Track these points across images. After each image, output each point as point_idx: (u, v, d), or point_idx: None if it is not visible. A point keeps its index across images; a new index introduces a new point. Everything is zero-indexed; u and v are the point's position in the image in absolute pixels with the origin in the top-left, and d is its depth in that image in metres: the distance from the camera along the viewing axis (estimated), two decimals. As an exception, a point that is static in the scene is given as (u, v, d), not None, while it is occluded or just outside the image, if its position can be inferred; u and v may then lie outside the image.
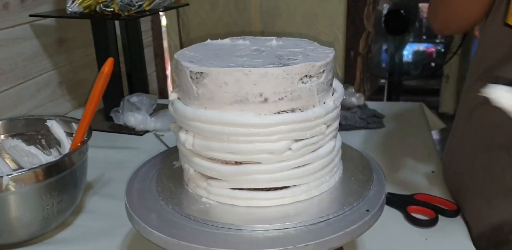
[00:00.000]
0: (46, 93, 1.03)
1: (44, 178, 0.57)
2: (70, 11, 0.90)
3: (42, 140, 0.73)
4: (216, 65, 0.45)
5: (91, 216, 0.70)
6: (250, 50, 0.51)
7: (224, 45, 0.53)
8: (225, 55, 0.49)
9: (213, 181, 0.48)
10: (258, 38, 0.55)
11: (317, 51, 0.50)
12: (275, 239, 0.43)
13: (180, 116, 0.48)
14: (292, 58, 0.48)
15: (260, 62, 0.46)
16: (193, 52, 0.50)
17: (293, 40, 0.55)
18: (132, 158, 0.86)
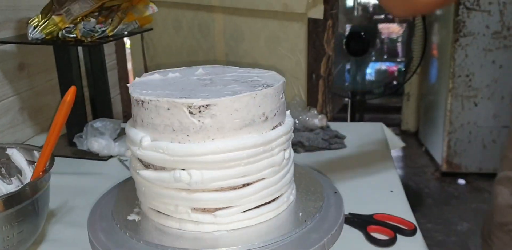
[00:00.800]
0: (7, 119, 1.02)
1: (3, 208, 0.57)
2: (31, 37, 0.90)
3: (2, 168, 0.72)
4: (214, 95, 0.46)
5: (54, 245, 0.68)
6: (210, 80, 0.53)
7: (176, 79, 0.55)
8: (197, 86, 0.51)
9: (221, 211, 0.49)
10: (191, 69, 0.59)
11: (255, 73, 0.56)
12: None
13: (180, 156, 0.46)
14: (253, 80, 0.51)
15: (240, 88, 0.49)
16: (156, 89, 0.50)
17: (221, 67, 0.60)
18: (96, 184, 0.85)
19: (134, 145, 0.50)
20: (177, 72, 0.57)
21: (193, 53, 1.46)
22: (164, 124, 0.46)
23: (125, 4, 0.97)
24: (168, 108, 0.45)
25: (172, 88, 0.49)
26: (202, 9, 1.37)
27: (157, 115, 0.46)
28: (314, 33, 1.13)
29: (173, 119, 0.46)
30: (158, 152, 0.47)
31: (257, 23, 1.25)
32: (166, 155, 0.47)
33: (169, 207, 0.50)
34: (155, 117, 0.47)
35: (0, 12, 0.97)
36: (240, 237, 0.48)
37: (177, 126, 0.46)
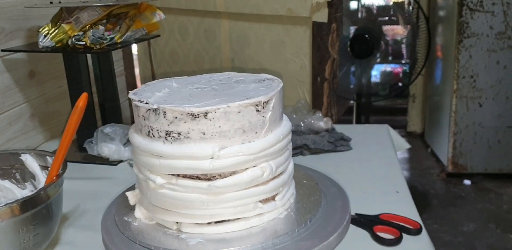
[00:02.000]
0: (18, 126, 1.04)
1: (20, 212, 0.58)
2: (42, 45, 0.92)
3: (17, 174, 0.74)
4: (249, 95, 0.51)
5: (67, 248, 0.70)
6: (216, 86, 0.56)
7: (174, 88, 0.57)
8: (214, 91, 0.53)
9: (278, 195, 0.54)
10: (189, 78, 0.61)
11: (240, 79, 0.59)
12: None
13: (257, 152, 0.50)
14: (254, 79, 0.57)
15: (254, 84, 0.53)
16: (193, 100, 0.51)
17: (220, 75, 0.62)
18: (107, 188, 0.87)
19: (201, 159, 0.48)
20: (179, 83, 0.59)
21: (199, 59, 1.48)
22: (235, 128, 0.48)
23: (133, 11, 0.99)
24: (239, 111, 0.47)
25: (202, 96, 0.51)
26: (208, 15, 1.39)
27: (227, 121, 0.47)
28: (319, 36, 1.14)
29: (243, 121, 0.48)
30: (237, 156, 0.48)
31: (262, 28, 1.27)
32: (247, 156, 0.49)
33: (237, 208, 0.51)
34: (224, 125, 0.47)
35: (12, 21, 0.99)
36: (249, 235, 0.50)
37: (247, 126, 0.48)
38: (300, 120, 1.04)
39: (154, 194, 0.51)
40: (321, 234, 0.50)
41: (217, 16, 1.37)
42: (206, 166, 0.48)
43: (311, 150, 0.98)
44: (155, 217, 0.53)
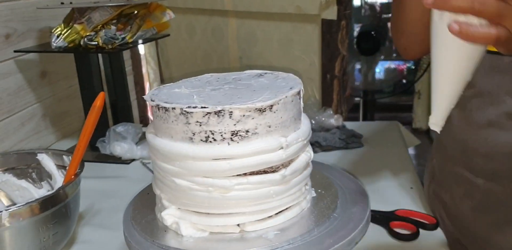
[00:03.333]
0: (31, 126, 1.05)
1: (40, 211, 0.59)
2: (55, 46, 0.92)
3: (33, 173, 0.74)
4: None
5: (84, 247, 0.71)
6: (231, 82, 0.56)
7: (198, 90, 0.56)
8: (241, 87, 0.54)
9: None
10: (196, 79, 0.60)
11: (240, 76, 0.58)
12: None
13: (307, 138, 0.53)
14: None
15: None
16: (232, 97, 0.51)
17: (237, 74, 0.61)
18: (121, 187, 0.88)
19: (271, 151, 0.49)
20: (191, 84, 0.57)
21: (207, 58, 1.48)
22: (290, 117, 0.50)
23: (143, 11, 0.99)
24: (292, 100, 0.49)
25: (240, 93, 0.51)
26: (216, 14, 1.39)
27: (285, 111, 0.49)
28: (328, 34, 1.14)
29: (294, 109, 0.50)
30: (298, 142, 0.50)
31: (270, 26, 1.27)
32: (302, 142, 0.51)
33: (296, 194, 0.53)
34: (284, 115, 0.49)
35: (23, 22, 1.00)
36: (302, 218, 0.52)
37: (297, 114, 0.51)
38: (310, 117, 1.04)
39: (216, 200, 0.50)
40: (342, 232, 0.51)
41: (225, 14, 1.37)
42: (279, 157, 0.49)
43: (322, 147, 0.98)
44: (212, 227, 0.51)
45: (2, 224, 0.57)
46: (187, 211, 0.52)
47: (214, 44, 1.44)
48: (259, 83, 0.54)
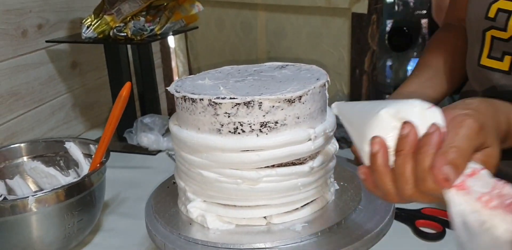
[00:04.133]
0: (61, 115, 1.07)
1: (66, 198, 0.60)
2: (84, 36, 0.94)
3: (61, 161, 0.76)
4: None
5: (109, 234, 0.72)
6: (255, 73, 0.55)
7: (224, 81, 0.55)
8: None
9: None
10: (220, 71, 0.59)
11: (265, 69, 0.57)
12: None
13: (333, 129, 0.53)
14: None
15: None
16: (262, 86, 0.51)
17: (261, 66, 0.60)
18: (146, 177, 0.88)
19: (300, 143, 0.48)
20: (215, 75, 0.57)
21: (236, 51, 1.48)
22: (317, 108, 0.49)
23: (172, 3, 1.00)
24: (319, 91, 0.49)
25: (267, 84, 0.51)
26: (245, 7, 1.39)
27: (313, 103, 0.49)
28: (358, 28, 1.12)
29: (321, 101, 0.50)
30: (325, 134, 0.50)
31: (300, 19, 1.26)
32: (329, 133, 0.50)
33: (321, 186, 0.52)
34: (312, 106, 0.49)
35: (55, 13, 1.02)
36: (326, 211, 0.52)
37: (324, 106, 0.50)
38: (338, 113, 1.03)
39: (244, 192, 0.49)
40: (364, 228, 0.49)
41: (254, 8, 1.36)
42: (308, 149, 0.48)
43: (348, 143, 0.97)
44: (238, 219, 0.51)
45: (29, 209, 0.58)
46: (213, 204, 0.51)
47: (243, 37, 1.44)
48: (283, 75, 0.53)
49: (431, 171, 0.36)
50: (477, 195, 0.34)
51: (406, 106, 0.38)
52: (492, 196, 0.34)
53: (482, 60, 0.64)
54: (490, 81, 0.63)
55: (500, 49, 0.61)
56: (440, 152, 0.36)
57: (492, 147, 0.38)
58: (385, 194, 0.40)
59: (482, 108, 0.39)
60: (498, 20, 0.60)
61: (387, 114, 0.39)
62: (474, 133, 0.37)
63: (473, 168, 0.36)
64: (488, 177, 0.36)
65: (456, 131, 0.37)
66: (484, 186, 0.35)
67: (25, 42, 0.94)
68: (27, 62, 0.95)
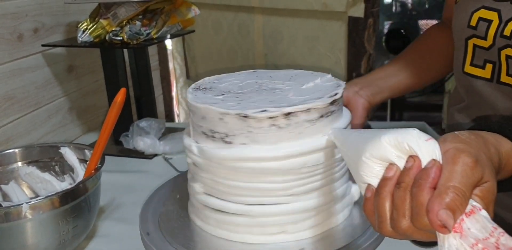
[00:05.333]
0: (57, 119, 1.06)
1: (60, 204, 0.60)
2: (80, 40, 0.93)
3: (56, 166, 0.76)
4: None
5: (104, 240, 0.71)
6: None
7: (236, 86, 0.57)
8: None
9: None
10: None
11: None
12: None
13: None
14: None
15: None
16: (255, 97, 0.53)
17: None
18: (142, 182, 0.88)
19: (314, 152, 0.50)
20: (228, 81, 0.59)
21: (233, 54, 1.48)
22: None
23: (168, 7, 1.00)
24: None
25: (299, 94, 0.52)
26: (242, 11, 1.39)
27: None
28: (354, 31, 1.12)
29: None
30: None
31: (296, 23, 1.26)
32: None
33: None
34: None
35: (51, 17, 1.01)
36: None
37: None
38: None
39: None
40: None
41: (251, 11, 1.36)
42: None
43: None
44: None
45: (23, 216, 0.57)
46: None
47: (240, 40, 1.44)
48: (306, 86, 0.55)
49: (427, 215, 0.33)
50: (472, 241, 0.32)
51: (406, 136, 0.37)
52: (487, 245, 0.32)
53: (465, 67, 0.65)
54: (474, 88, 0.64)
55: (482, 57, 0.62)
56: (436, 193, 0.34)
57: (490, 182, 0.36)
58: (380, 222, 0.38)
59: (473, 141, 0.37)
60: (479, 29, 0.60)
61: (387, 142, 0.37)
62: (470, 169, 0.34)
63: (472, 206, 0.34)
64: (486, 220, 0.33)
65: (451, 168, 0.35)
66: (481, 230, 0.33)
67: (21, 46, 0.94)
68: (23, 66, 0.95)
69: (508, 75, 0.58)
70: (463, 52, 0.64)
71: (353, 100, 0.75)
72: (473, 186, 0.35)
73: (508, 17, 0.57)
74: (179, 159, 0.96)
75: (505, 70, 0.59)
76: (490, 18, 0.59)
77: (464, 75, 0.65)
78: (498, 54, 0.59)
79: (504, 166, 0.41)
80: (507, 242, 0.32)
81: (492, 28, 0.58)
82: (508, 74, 0.58)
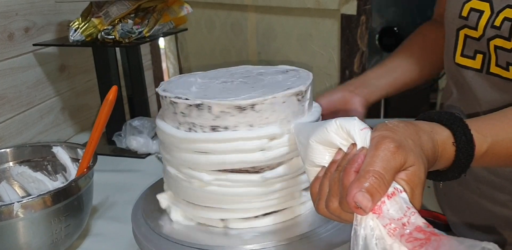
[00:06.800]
0: (49, 119, 1.06)
1: (52, 203, 0.59)
2: (72, 39, 0.93)
3: (48, 166, 0.75)
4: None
5: (97, 239, 0.71)
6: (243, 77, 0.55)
7: (201, 83, 0.55)
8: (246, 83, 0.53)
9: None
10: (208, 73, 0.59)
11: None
12: None
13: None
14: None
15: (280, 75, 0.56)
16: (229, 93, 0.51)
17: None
18: (135, 181, 0.88)
19: (251, 151, 0.49)
20: (202, 78, 0.57)
21: (226, 52, 1.48)
22: (280, 119, 0.48)
23: (161, 5, 0.99)
24: (283, 101, 0.48)
25: (238, 89, 0.50)
26: (235, 9, 1.38)
27: (273, 112, 0.48)
28: (347, 29, 1.12)
29: (287, 111, 0.48)
30: (285, 146, 0.49)
31: (289, 21, 1.26)
32: (294, 145, 0.49)
33: (285, 198, 0.51)
34: (270, 116, 0.48)
35: (43, 16, 1.01)
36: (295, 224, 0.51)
37: (290, 116, 0.49)
38: (328, 114, 1.03)
39: (197, 192, 0.50)
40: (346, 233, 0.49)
41: (244, 9, 1.36)
42: (258, 158, 0.48)
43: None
44: (197, 217, 0.51)
45: (15, 215, 0.57)
46: (178, 198, 0.53)
47: (233, 39, 1.43)
48: (272, 80, 0.53)
49: (346, 197, 0.34)
50: (387, 221, 0.33)
51: (346, 124, 0.39)
52: (398, 224, 0.33)
53: (456, 58, 0.65)
54: (464, 79, 0.64)
55: (472, 47, 0.62)
56: (357, 177, 0.35)
57: (415, 166, 0.36)
58: (319, 199, 0.40)
59: (400, 128, 0.38)
60: (470, 19, 0.61)
61: (331, 129, 0.39)
62: (391, 154, 0.35)
63: (394, 189, 0.35)
64: (403, 202, 0.34)
65: (373, 153, 0.36)
66: (398, 211, 0.34)
67: (12, 45, 0.94)
68: (14, 66, 0.95)
69: (497, 66, 0.59)
70: (454, 42, 0.65)
71: (350, 99, 0.74)
72: (395, 170, 0.36)
73: (499, 7, 0.57)
74: (173, 158, 0.95)
75: (494, 61, 0.59)
76: (481, 8, 0.59)
77: (455, 66, 0.65)
78: (487, 45, 0.59)
79: (441, 154, 0.42)
80: (416, 220, 0.33)
81: (483, 18, 0.59)
82: (497, 64, 0.59)
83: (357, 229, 0.34)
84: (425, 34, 0.81)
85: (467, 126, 0.43)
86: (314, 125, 0.43)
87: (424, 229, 0.32)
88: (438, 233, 0.32)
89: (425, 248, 0.31)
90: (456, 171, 0.44)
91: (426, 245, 0.31)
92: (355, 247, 0.34)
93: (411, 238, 0.32)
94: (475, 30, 0.61)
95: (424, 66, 0.78)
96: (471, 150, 0.43)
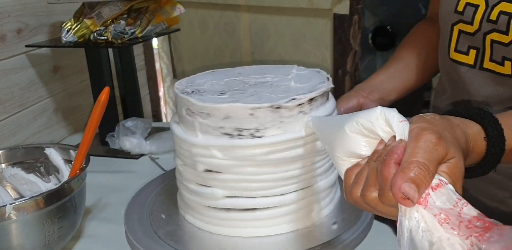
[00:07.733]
0: (42, 120, 1.06)
1: (45, 205, 0.59)
2: (65, 40, 0.93)
3: (41, 167, 0.75)
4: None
5: (90, 241, 0.71)
6: None
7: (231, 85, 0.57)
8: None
9: None
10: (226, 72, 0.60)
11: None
12: None
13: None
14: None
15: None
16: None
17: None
18: (129, 182, 0.88)
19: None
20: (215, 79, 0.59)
21: (219, 52, 1.48)
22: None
23: (153, 6, 0.99)
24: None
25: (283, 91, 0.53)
26: (228, 9, 1.38)
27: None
28: (340, 29, 1.13)
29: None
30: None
31: (282, 20, 1.26)
32: None
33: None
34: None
35: (35, 17, 1.01)
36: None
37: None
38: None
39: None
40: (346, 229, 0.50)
41: (237, 9, 1.36)
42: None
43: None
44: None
45: (8, 217, 0.57)
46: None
47: (227, 39, 1.43)
48: None
49: (391, 189, 0.34)
50: (436, 212, 0.33)
51: (390, 115, 0.39)
52: (449, 214, 0.33)
53: (451, 53, 0.65)
54: (458, 74, 0.65)
55: (466, 43, 0.62)
56: (400, 168, 0.35)
57: (456, 158, 0.36)
58: (355, 183, 0.39)
59: (437, 121, 0.39)
60: (466, 14, 0.61)
61: (376, 115, 0.39)
62: (433, 145, 0.35)
63: (439, 180, 0.35)
64: (452, 193, 0.34)
65: (414, 144, 0.36)
66: (446, 203, 0.34)
67: (4, 47, 0.93)
68: (6, 67, 0.94)
69: (492, 61, 0.59)
70: (449, 38, 0.65)
71: (366, 105, 0.75)
72: (438, 162, 0.35)
73: (495, 1, 0.57)
74: (166, 159, 0.95)
75: (489, 56, 0.59)
76: (477, 3, 0.59)
77: (450, 62, 0.66)
78: (483, 39, 0.59)
79: (472, 148, 0.42)
80: (469, 211, 0.33)
81: (478, 13, 0.59)
82: (492, 59, 0.59)
83: (402, 220, 0.34)
84: (423, 33, 0.81)
85: (497, 120, 0.43)
86: (337, 118, 0.43)
87: (482, 219, 0.32)
88: (497, 223, 0.32)
89: (490, 234, 0.31)
90: (486, 166, 0.44)
91: (491, 232, 0.31)
92: (401, 238, 0.34)
93: (471, 225, 0.32)
94: (470, 24, 0.61)
95: (428, 64, 0.78)
96: (503, 144, 0.43)
